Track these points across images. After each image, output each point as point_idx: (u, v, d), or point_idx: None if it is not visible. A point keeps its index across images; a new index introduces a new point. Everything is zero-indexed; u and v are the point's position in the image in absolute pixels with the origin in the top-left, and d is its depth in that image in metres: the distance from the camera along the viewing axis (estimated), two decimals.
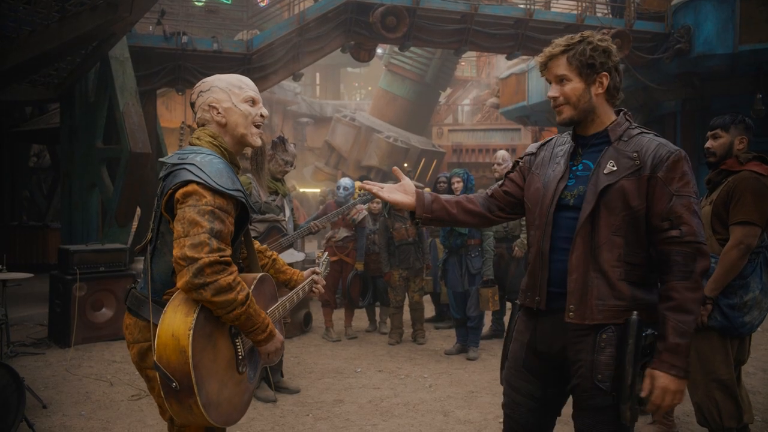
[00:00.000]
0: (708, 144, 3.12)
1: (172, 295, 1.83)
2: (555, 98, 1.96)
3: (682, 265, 1.81)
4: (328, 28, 9.84)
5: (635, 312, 1.81)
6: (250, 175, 4.73)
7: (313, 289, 2.43)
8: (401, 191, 2.15)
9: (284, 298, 2.22)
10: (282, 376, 4.54)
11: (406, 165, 19.72)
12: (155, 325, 1.76)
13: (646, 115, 12.45)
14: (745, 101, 10.43)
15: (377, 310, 6.65)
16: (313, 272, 2.46)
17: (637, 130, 1.94)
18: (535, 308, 1.99)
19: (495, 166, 5.81)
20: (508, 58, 12.12)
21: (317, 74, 33.22)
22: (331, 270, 6.15)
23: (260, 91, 7.98)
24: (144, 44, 9.05)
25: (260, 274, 2.09)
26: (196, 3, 17.64)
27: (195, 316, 1.74)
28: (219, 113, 2.00)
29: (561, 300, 1.91)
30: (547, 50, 1.95)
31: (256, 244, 2.37)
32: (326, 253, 2.69)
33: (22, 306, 7.10)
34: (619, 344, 1.81)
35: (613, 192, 1.85)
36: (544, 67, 1.98)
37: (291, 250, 4.57)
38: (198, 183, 1.81)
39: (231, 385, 1.85)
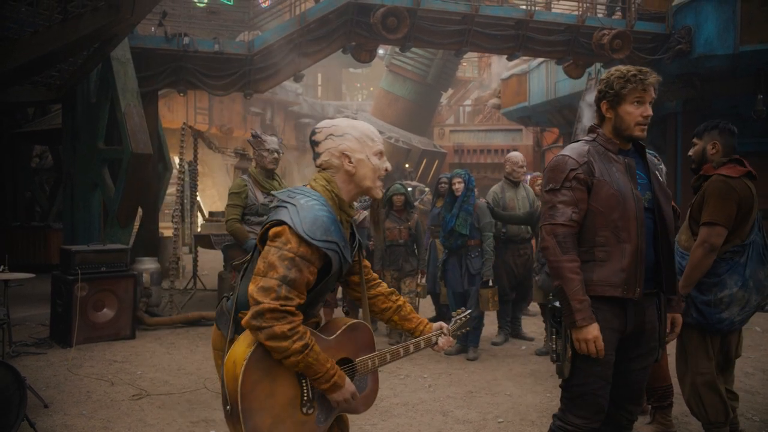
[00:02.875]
0: (690, 152, 3.34)
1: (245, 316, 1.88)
2: (649, 116, 2.35)
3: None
4: (329, 29, 9.86)
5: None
6: (246, 177, 4.77)
7: (435, 346, 2.26)
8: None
9: (386, 349, 2.16)
10: None
11: (407, 165, 19.75)
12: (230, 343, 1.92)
13: None
14: (746, 102, 10.44)
15: None
16: (441, 327, 2.30)
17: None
18: (634, 298, 2.31)
19: (513, 167, 5.86)
20: (509, 59, 12.14)
21: (319, 75, 33.26)
22: None
23: (261, 91, 8.03)
24: (146, 45, 9.08)
25: (352, 322, 2.09)
26: (198, 4, 17.68)
27: (254, 348, 1.82)
28: (351, 163, 1.99)
29: (647, 283, 2.36)
30: (654, 78, 2.34)
31: (383, 286, 2.32)
32: (468, 312, 2.49)
33: (25, 306, 7.13)
34: (660, 307, 2.48)
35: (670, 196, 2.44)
36: (646, 88, 2.33)
37: None
38: (289, 227, 1.84)
39: (290, 424, 1.88)
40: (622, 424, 2.52)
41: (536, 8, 10.92)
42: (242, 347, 1.84)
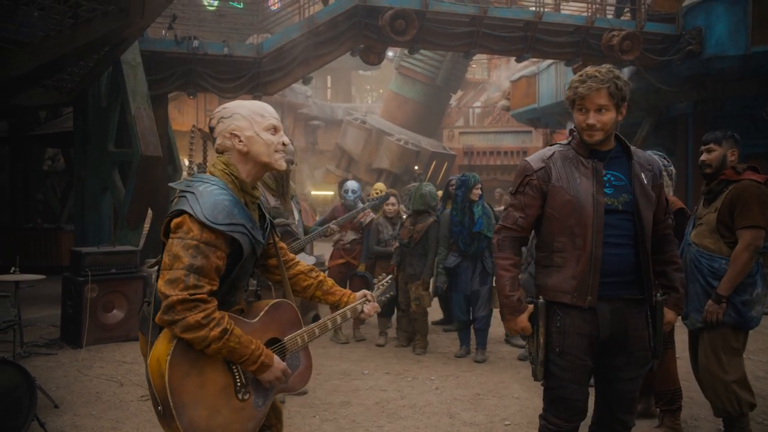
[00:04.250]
0: (703, 157, 3.38)
1: None
2: (593, 125, 2.28)
3: (674, 240, 2.54)
4: (337, 32, 9.89)
5: (659, 293, 2.44)
6: None
7: (362, 314, 2.32)
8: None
9: (314, 324, 2.17)
10: None
11: (416, 168, 19.74)
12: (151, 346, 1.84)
13: (656, 118, 12.38)
14: (758, 103, 10.34)
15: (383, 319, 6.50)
16: (365, 295, 2.35)
17: (633, 147, 2.43)
18: (584, 306, 2.28)
19: None
20: (518, 60, 12.11)
21: (328, 77, 33.35)
22: (338, 272, 6.16)
23: (270, 94, 8.06)
24: (156, 49, 9.17)
25: (274, 301, 2.09)
26: (208, 8, 17.79)
27: (175, 342, 1.79)
28: (241, 141, 1.98)
29: (617, 288, 2.30)
30: (593, 84, 2.25)
31: (302, 265, 2.34)
32: (390, 277, 2.52)
33: (36, 307, 7.20)
34: (653, 317, 2.40)
35: (654, 199, 2.37)
36: (582, 98, 2.27)
37: (303, 254, 4.58)
38: (189, 215, 1.82)
39: (227, 412, 1.85)
40: None
41: (545, 10, 10.90)
42: (163, 344, 1.81)
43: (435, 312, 7.04)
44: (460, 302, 5.54)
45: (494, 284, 5.26)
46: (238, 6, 18.57)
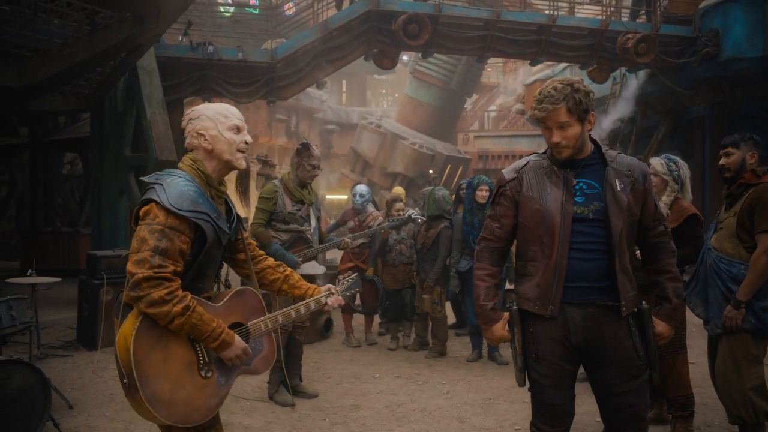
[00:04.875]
0: (722, 161, 3.33)
1: None
2: (558, 143, 2.27)
3: (670, 248, 2.41)
4: (350, 37, 9.95)
5: (644, 301, 2.32)
6: (277, 182, 4.74)
7: (325, 306, 2.46)
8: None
9: (278, 312, 2.32)
10: (301, 380, 4.59)
11: (431, 171, 19.73)
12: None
13: (673, 120, 12.25)
14: None
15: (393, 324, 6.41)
16: (329, 289, 2.50)
17: (613, 152, 2.39)
18: (546, 315, 2.27)
19: None
20: (532, 64, 12.08)
21: (343, 81, 33.47)
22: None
23: (284, 99, 8.06)
24: (171, 54, 9.29)
25: (238, 288, 2.25)
26: (225, 14, 17.96)
27: (141, 318, 1.92)
28: (206, 140, 2.15)
29: (587, 294, 2.26)
30: (548, 105, 2.23)
31: (270, 260, 2.50)
32: (355, 275, 2.68)
33: (54, 309, 7.31)
34: (640, 326, 2.31)
35: (626, 206, 2.28)
36: (543, 117, 2.26)
37: (313, 263, 4.56)
38: (156, 202, 1.98)
39: (190, 388, 1.98)
40: None
41: (559, 13, 10.86)
42: (130, 322, 1.93)
43: (448, 316, 7.02)
44: (473, 306, 5.51)
45: (506, 290, 5.27)
46: (254, 12, 18.73)
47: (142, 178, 2.15)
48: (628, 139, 13.02)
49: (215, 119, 2.16)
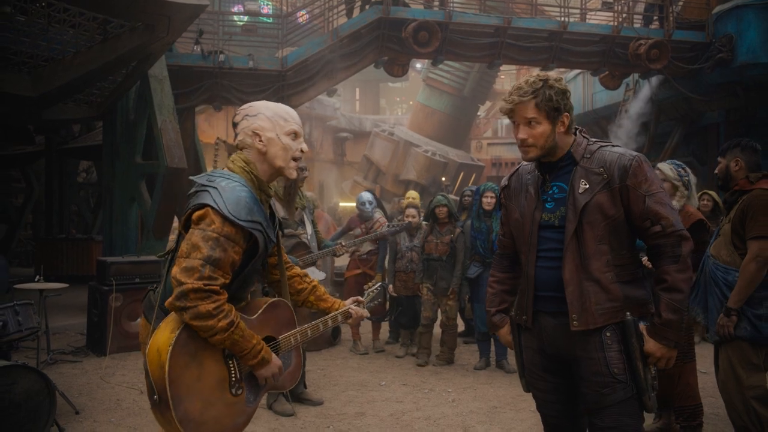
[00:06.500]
0: (716, 170, 3.37)
1: None
2: (524, 140, 2.12)
3: (670, 252, 2.06)
4: (361, 44, 9.98)
5: (628, 313, 2.06)
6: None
7: (349, 320, 2.39)
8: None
9: (307, 325, 2.21)
10: (305, 387, 4.58)
11: (444, 179, 19.69)
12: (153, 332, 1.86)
13: (687, 127, 12.12)
14: None
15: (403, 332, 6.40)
16: (355, 301, 2.44)
17: (596, 146, 2.15)
18: (522, 325, 2.26)
19: None
20: (543, 70, 12.00)
21: (357, 89, 33.60)
22: (355, 282, 6.15)
23: (295, 107, 8.10)
24: (183, 63, 9.38)
25: (272, 300, 2.13)
26: (238, 23, 18.13)
27: (178, 333, 1.81)
28: (261, 141, 2.02)
29: (556, 304, 2.12)
30: (515, 97, 2.09)
31: (296, 269, 2.40)
32: (379, 285, 2.60)
33: (65, 315, 7.38)
34: (623, 341, 2.06)
35: (591, 208, 2.06)
36: (511, 111, 2.13)
37: (312, 268, 4.57)
38: (213, 208, 1.85)
39: (220, 406, 1.89)
40: None
41: (570, 19, 10.81)
42: (165, 334, 1.82)
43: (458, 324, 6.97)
44: (481, 313, 5.45)
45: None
46: (268, 21, 18.88)
47: (191, 177, 2.02)
48: (642, 146, 12.91)
49: (274, 120, 2.03)
